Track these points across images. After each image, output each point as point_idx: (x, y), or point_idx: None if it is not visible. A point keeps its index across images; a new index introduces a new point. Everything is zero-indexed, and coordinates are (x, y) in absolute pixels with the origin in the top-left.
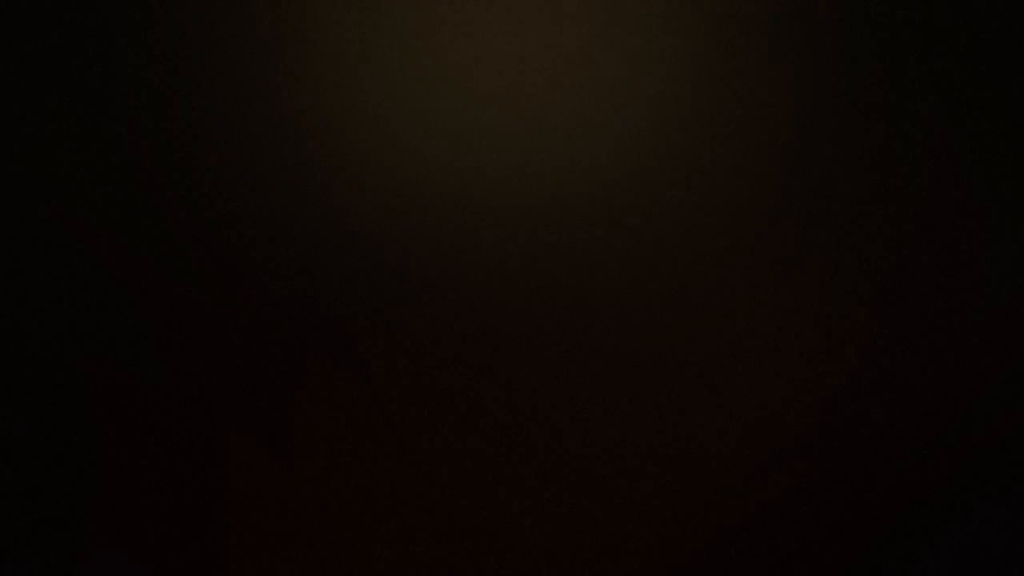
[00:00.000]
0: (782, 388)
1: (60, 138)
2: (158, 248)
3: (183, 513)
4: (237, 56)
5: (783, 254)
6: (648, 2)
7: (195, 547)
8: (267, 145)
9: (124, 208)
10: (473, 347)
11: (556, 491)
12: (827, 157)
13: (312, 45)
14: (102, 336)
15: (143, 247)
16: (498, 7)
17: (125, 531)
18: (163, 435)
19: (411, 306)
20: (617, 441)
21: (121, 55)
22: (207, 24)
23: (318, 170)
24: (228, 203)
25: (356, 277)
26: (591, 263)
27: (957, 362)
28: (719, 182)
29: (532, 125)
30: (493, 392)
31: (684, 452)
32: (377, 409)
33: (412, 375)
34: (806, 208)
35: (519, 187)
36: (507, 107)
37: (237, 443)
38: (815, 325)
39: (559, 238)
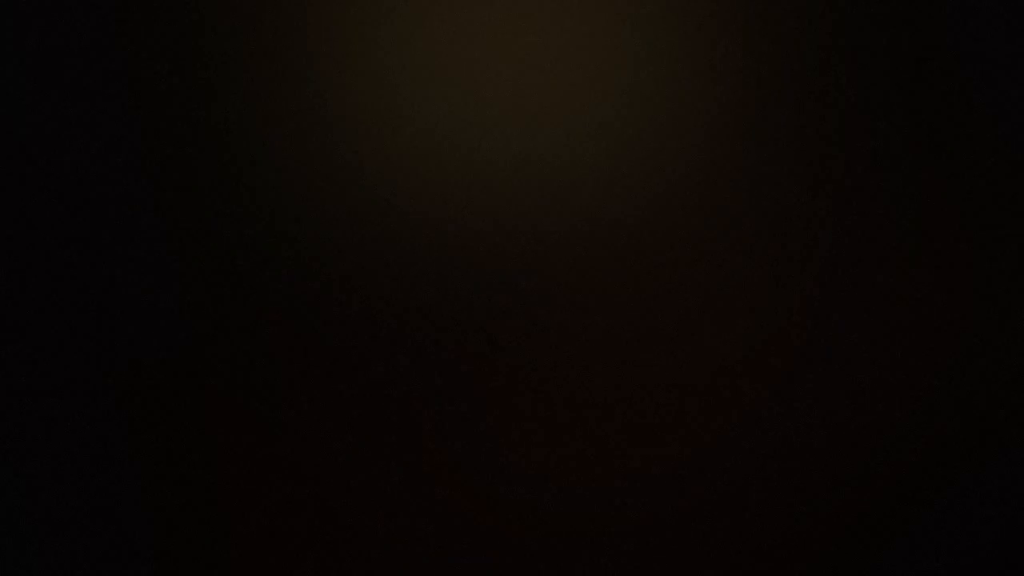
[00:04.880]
0: (781, 388)
1: (61, 138)
2: (160, 247)
3: (178, 512)
4: (236, 56)
5: (783, 253)
6: (648, 1)
7: (194, 546)
8: (265, 145)
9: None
10: (471, 346)
11: (555, 490)
12: (828, 157)
13: (312, 45)
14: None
15: (146, 245)
16: (498, 7)
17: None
18: (163, 434)
19: (410, 305)
20: (616, 440)
21: (123, 54)
22: (208, 24)
23: (317, 170)
24: (227, 202)
25: (354, 275)
26: (591, 262)
27: (958, 362)
28: (719, 181)
29: (532, 125)
30: (492, 391)
31: (683, 452)
32: (374, 408)
33: (411, 374)
34: (806, 207)
35: (518, 186)
36: (507, 107)
37: (236, 442)
38: (814, 324)
39: (559, 237)
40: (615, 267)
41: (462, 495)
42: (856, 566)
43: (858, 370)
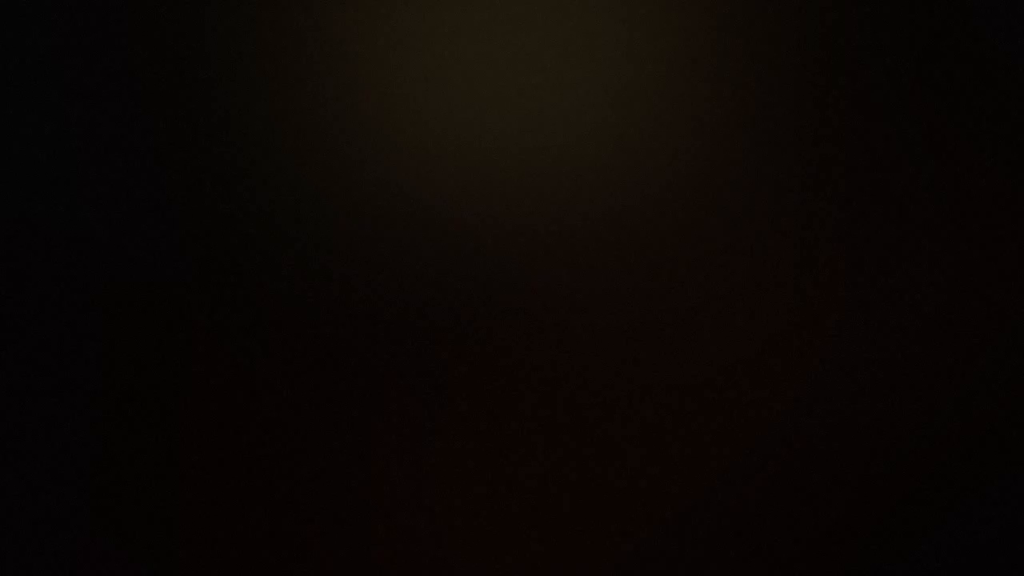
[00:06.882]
0: (782, 388)
1: (62, 137)
2: (159, 245)
3: (177, 512)
4: (236, 56)
5: (782, 254)
6: (648, 1)
7: (199, 547)
8: (266, 145)
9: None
10: (471, 346)
11: (555, 492)
12: (827, 157)
13: (311, 45)
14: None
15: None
16: (499, 6)
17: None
18: (165, 434)
19: (410, 304)
20: (616, 439)
21: (124, 53)
22: (209, 24)
23: (316, 170)
24: (227, 201)
25: (354, 274)
26: (591, 260)
27: (959, 362)
28: (719, 181)
29: (532, 125)
30: (491, 390)
31: (683, 451)
32: (372, 407)
33: (411, 374)
34: (806, 207)
35: (518, 184)
36: (507, 106)
37: (240, 444)
38: (814, 324)
39: (559, 235)
40: (615, 266)
41: (461, 495)
42: (858, 566)
43: (858, 370)
